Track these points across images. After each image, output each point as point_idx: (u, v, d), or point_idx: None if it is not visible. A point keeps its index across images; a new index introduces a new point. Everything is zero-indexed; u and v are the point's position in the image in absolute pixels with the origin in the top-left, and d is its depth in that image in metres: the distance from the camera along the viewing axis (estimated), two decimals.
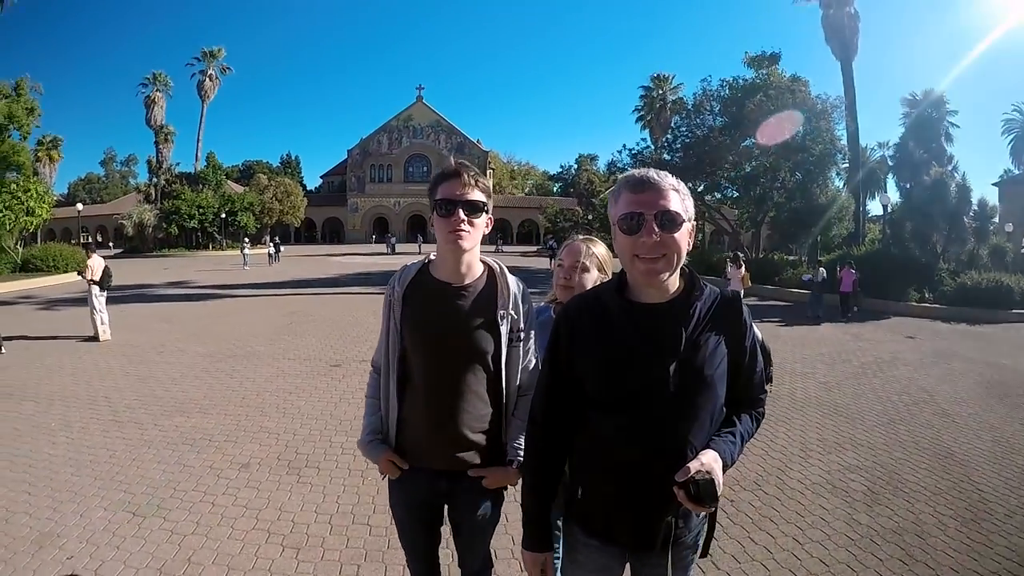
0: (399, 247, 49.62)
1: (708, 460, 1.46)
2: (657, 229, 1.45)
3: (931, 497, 4.48)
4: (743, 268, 14.65)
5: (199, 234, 48.36)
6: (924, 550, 3.68)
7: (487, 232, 2.01)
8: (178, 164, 53.32)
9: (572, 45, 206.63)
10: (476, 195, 1.92)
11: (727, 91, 27.06)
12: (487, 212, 1.96)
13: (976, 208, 26.12)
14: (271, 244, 36.10)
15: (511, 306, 2.00)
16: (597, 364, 1.57)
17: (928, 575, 3.43)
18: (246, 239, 39.57)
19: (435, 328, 1.96)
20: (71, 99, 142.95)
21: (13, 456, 5.00)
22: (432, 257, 2.07)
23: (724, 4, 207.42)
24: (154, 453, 5.06)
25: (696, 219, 1.67)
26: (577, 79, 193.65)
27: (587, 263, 2.37)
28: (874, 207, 43.75)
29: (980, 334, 13.33)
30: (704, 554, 1.69)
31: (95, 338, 10.37)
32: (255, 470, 4.74)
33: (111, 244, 54.53)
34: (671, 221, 1.46)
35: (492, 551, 2.30)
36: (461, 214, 1.88)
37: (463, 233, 1.90)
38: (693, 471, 1.43)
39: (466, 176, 1.91)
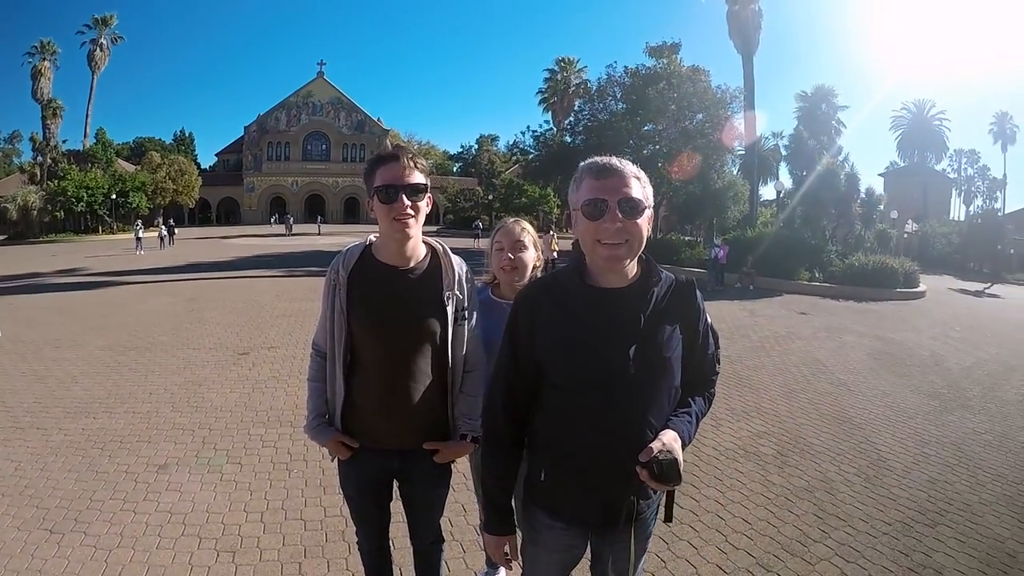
0: (296, 228, 47.93)
1: (669, 440, 1.51)
2: (620, 215, 1.47)
3: (835, 457, 4.94)
4: (552, 234, 20.28)
5: (88, 217, 44.34)
6: (835, 504, 4.09)
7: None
8: (65, 141, 48.94)
9: (476, 25, 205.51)
10: (417, 177, 1.88)
11: (629, 79, 27.59)
12: (428, 192, 1.93)
13: (864, 196, 28.39)
14: (163, 227, 33.80)
15: (456, 286, 2.01)
16: (557, 347, 1.58)
17: (840, 526, 3.80)
18: (139, 222, 36.28)
19: (383, 312, 1.95)
20: None
21: None
22: (373, 239, 2.05)
23: None
24: (63, 461, 4.66)
25: None
26: (480, 60, 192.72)
27: (524, 241, 2.50)
28: (767, 192, 46.42)
29: (867, 310, 14.60)
30: (668, 519, 1.72)
31: None
32: (174, 471, 4.48)
33: None
34: (633, 208, 1.49)
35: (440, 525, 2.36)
36: (405, 199, 1.84)
37: (408, 220, 1.86)
38: (656, 451, 1.46)
39: (405, 159, 1.87)
